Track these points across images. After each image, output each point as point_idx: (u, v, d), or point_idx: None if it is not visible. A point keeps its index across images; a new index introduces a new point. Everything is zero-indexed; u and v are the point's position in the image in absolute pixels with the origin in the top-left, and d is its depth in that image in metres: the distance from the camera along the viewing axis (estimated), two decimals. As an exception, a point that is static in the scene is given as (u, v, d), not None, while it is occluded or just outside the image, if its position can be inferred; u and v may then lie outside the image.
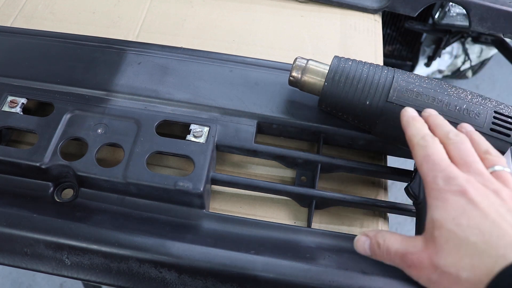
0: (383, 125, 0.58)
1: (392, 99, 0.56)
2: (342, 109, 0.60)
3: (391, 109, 0.56)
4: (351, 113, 0.60)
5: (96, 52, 0.72)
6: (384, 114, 0.57)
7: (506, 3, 0.87)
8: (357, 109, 0.58)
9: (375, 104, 0.57)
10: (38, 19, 0.83)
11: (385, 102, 0.56)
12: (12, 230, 0.56)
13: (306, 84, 0.62)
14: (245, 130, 0.65)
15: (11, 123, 0.62)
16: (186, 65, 0.71)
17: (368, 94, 0.57)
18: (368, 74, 0.58)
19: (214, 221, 0.60)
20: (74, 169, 0.58)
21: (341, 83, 0.58)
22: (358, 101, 0.58)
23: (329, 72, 0.59)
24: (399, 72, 0.58)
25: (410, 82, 0.57)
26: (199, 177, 0.58)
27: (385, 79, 0.57)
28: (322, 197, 0.63)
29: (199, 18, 0.85)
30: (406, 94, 0.56)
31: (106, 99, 0.66)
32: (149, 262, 0.55)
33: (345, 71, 0.59)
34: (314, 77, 0.61)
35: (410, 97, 0.56)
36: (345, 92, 0.58)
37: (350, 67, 0.59)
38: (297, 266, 0.55)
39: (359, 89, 0.57)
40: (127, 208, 0.60)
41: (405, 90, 0.56)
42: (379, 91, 0.57)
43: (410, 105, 0.55)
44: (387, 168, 0.66)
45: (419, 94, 0.56)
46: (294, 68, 0.62)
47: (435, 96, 0.55)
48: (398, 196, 1.70)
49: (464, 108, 0.55)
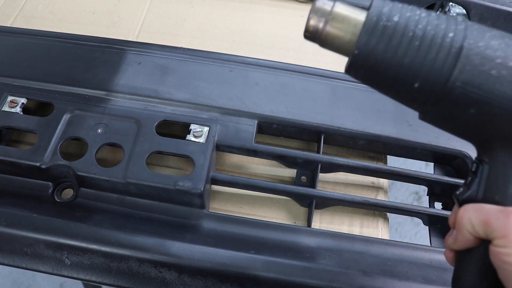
0: (436, 115, 0.39)
1: (455, 84, 0.36)
2: (378, 86, 0.40)
3: (452, 97, 0.37)
4: (391, 93, 0.40)
5: (96, 52, 0.72)
6: (439, 103, 0.37)
7: (506, 3, 0.87)
8: (400, 90, 0.39)
9: (428, 88, 0.37)
10: (38, 19, 0.83)
11: (444, 86, 0.36)
12: (12, 230, 0.56)
13: (331, 39, 0.40)
14: (245, 130, 0.65)
15: (11, 123, 0.62)
16: (186, 65, 0.71)
17: (419, 73, 0.37)
18: (424, 37, 0.37)
19: (214, 221, 0.60)
20: (74, 169, 0.58)
21: (380, 50, 0.38)
22: (404, 80, 0.38)
23: (364, 31, 0.38)
24: (472, 36, 0.36)
25: (488, 57, 0.36)
26: (199, 177, 0.58)
27: (448, 49, 0.36)
28: (322, 197, 0.63)
29: (199, 18, 0.85)
30: (478, 78, 0.36)
31: (106, 99, 0.66)
32: (149, 262, 0.55)
33: (389, 29, 0.37)
34: (342, 30, 0.39)
35: (485, 83, 0.36)
36: (385, 65, 0.38)
37: (397, 23, 0.37)
38: (297, 266, 0.55)
39: (406, 63, 0.37)
40: (127, 208, 0.60)
41: (477, 72, 0.36)
42: (437, 70, 0.36)
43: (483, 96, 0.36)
44: (387, 168, 0.66)
45: (499, 80, 0.35)
46: (315, 12, 0.40)
47: None
48: (398, 196, 1.70)
49: None
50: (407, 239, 1.66)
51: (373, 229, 0.64)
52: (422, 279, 0.56)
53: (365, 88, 0.71)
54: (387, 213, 0.67)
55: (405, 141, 0.66)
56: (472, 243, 0.40)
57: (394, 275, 0.55)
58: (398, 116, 0.68)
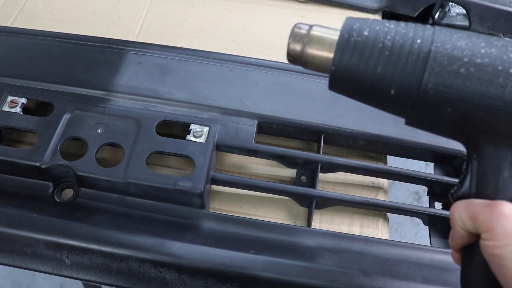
0: (418, 118, 0.41)
1: (427, 87, 0.38)
2: (359, 97, 0.42)
3: (427, 100, 0.38)
4: (372, 103, 0.42)
5: (96, 52, 0.72)
6: (417, 107, 0.39)
7: (506, 3, 0.87)
8: (379, 99, 0.41)
9: (403, 94, 0.39)
10: (38, 19, 0.83)
11: (417, 90, 0.38)
12: (12, 230, 0.56)
13: (310, 60, 0.43)
14: (245, 130, 0.65)
15: (11, 123, 0.62)
16: (186, 65, 0.71)
17: (393, 80, 0.39)
18: (393, 47, 0.39)
19: (214, 221, 0.60)
20: (74, 169, 0.58)
21: (353, 64, 0.40)
22: (380, 89, 0.40)
23: (337, 48, 0.40)
24: (439, 40, 0.38)
25: (455, 57, 0.37)
26: (199, 177, 0.58)
27: (417, 54, 0.38)
28: (322, 197, 0.63)
29: (199, 18, 0.85)
30: (448, 78, 0.37)
31: (106, 99, 0.66)
32: (149, 262, 0.55)
33: (359, 46, 0.40)
34: (320, 50, 0.42)
35: (455, 82, 0.37)
36: (361, 77, 0.40)
37: (367, 37, 0.39)
38: (297, 266, 0.55)
39: (379, 73, 0.39)
40: (127, 208, 0.60)
41: (446, 72, 0.37)
42: (408, 76, 0.38)
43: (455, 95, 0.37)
44: (387, 168, 0.66)
45: (468, 78, 0.37)
46: (293, 37, 0.43)
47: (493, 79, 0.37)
48: (398, 196, 1.70)
49: None
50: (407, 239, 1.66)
51: (373, 229, 0.64)
52: (422, 279, 0.56)
53: (365, 88, 0.71)
54: (387, 213, 0.67)
55: (405, 141, 0.66)
56: (467, 239, 0.40)
57: (394, 275, 0.55)
58: (398, 116, 0.68)
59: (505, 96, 0.37)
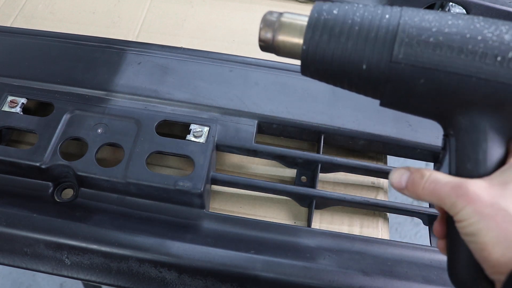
0: (391, 94, 0.41)
1: (398, 58, 0.39)
2: (332, 78, 0.43)
3: (399, 72, 0.39)
4: (345, 82, 0.42)
5: (96, 52, 0.72)
6: (390, 81, 0.40)
7: (506, 3, 0.87)
8: (351, 77, 0.41)
9: (375, 68, 0.39)
10: (38, 19, 0.83)
11: (389, 63, 0.39)
12: (12, 230, 0.56)
13: (282, 47, 0.44)
14: (245, 130, 0.65)
15: (11, 123, 0.62)
16: (186, 65, 0.71)
17: (364, 54, 0.39)
18: (362, 22, 0.40)
19: (214, 221, 0.60)
20: (74, 169, 0.58)
21: (324, 42, 0.41)
22: (352, 65, 0.40)
23: (306, 29, 0.42)
24: (407, 14, 0.40)
25: (424, 28, 0.39)
26: (199, 177, 0.58)
27: (386, 27, 0.39)
28: (322, 197, 0.63)
29: (199, 18, 0.85)
30: (418, 48, 0.38)
31: (106, 99, 0.66)
32: (149, 262, 0.55)
33: (329, 24, 0.41)
34: (290, 36, 0.43)
35: (425, 51, 0.38)
36: (332, 54, 0.41)
37: (337, 15, 0.41)
38: (297, 266, 0.55)
39: (350, 48, 0.40)
40: (127, 208, 0.60)
41: (416, 42, 0.38)
42: (378, 48, 0.39)
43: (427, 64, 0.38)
44: (387, 168, 0.66)
45: (438, 46, 0.38)
46: (264, 23, 0.45)
47: (462, 46, 0.38)
48: (398, 196, 1.70)
49: (510, 57, 0.37)
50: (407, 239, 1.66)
51: (373, 229, 0.64)
52: (422, 279, 0.56)
53: (365, 88, 0.71)
54: (387, 213, 0.67)
55: (405, 141, 0.66)
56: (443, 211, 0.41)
57: (394, 275, 0.55)
58: (398, 116, 0.68)
59: (475, 63, 0.37)
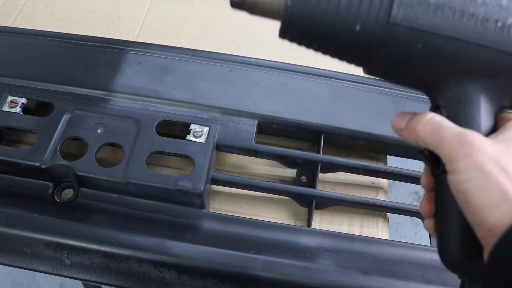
0: (383, 60, 0.37)
1: (397, 19, 0.35)
2: (317, 39, 0.38)
3: (396, 35, 0.36)
4: (332, 45, 0.38)
5: (96, 52, 0.72)
6: (384, 45, 0.36)
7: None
8: (341, 39, 0.37)
9: (370, 30, 0.36)
10: (38, 19, 0.83)
11: (386, 24, 0.36)
12: (12, 230, 0.56)
13: (259, 3, 0.39)
14: (245, 130, 0.65)
15: (11, 123, 0.62)
16: (186, 65, 0.71)
17: (358, 13, 0.36)
18: None
19: (214, 221, 0.60)
20: (74, 169, 0.58)
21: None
22: (343, 25, 0.36)
23: None
24: None
25: None
26: (199, 177, 0.58)
27: None
28: (322, 197, 0.63)
29: (199, 18, 0.85)
30: (418, 9, 0.35)
31: (106, 99, 0.66)
32: (149, 262, 0.55)
33: None
34: None
35: (426, 13, 0.35)
36: (322, 13, 0.36)
37: None
38: (297, 266, 0.55)
39: (343, 6, 0.36)
40: (127, 208, 0.60)
41: (416, 2, 0.35)
42: (375, 7, 0.35)
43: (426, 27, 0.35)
44: (387, 168, 0.66)
45: (439, 7, 0.35)
46: None
47: (464, 9, 0.35)
48: (398, 196, 1.70)
49: (510, 23, 0.35)
50: (407, 239, 1.66)
51: (373, 229, 0.65)
52: (422, 279, 0.56)
53: (365, 88, 0.71)
54: (387, 213, 0.67)
55: (405, 141, 0.66)
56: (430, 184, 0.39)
57: (394, 275, 0.55)
58: (398, 116, 0.68)
59: (476, 27, 0.35)
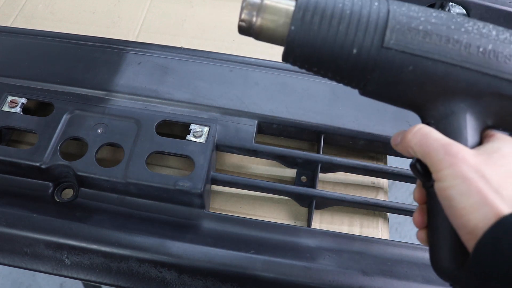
0: (377, 81, 0.41)
1: (389, 43, 0.39)
2: (317, 63, 0.42)
3: (389, 58, 0.40)
4: (331, 68, 0.42)
5: (96, 52, 0.72)
6: (378, 67, 0.40)
7: (506, 3, 0.87)
8: (339, 62, 0.41)
9: (366, 53, 0.40)
10: (38, 19, 0.83)
11: (380, 48, 0.40)
12: (12, 230, 0.56)
13: (264, 30, 0.43)
14: (245, 130, 0.65)
15: (11, 123, 0.62)
16: (186, 65, 0.71)
17: (355, 38, 0.40)
18: (353, 7, 0.40)
19: (214, 221, 0.60)
20: (74, 169, 0.58)
21: (315, 24, 0.40)
22: (341, 49, 0.40)
23: (296, 10, 0.41)
24: (395, 4, 0.41)
25: (412, 17, 0.40)
26: (199, 177, 0.58)
27: (377, 14, 0.40)
28: (322, 197, 0.63)
29: (199, 18, 0.85)
30: (409, 35, 0.39)
31: (106, 99, 0.66)
32: (149, 262, 0.55)
33: (320, 6, 0.41)
34: (275, 18, 0.42)
35: (415, 38, 0.39)
36: (322, 38, 0.40)
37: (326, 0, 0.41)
38: (297, 266, 0.55)
39: (341, 32, 0.40)
40: (127, 208, 0.60)
41: (407, 29, 0.40)
42: (370, 33, 0.40)
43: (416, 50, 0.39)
44: (387, 168, 0.66)
45: (427, 34, 0.39)
46: (245, 7, 0.42)
47: (449, 35, 0.39)
48: (398, 196, 1.70)
49: (490, 49, 0.39)
50: (407, 239, 1.66)
51: (373, 229, 0.65)
52: (422, 279, 0.56)
53: (365, 88, 0.71)
54: (387, 213, 0.67)
55: (405, 141, 0.66)
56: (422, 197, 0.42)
57: (394, 275, 0.55)
58: (398, 116, 0.68)
59: (461, 52, 0.39)
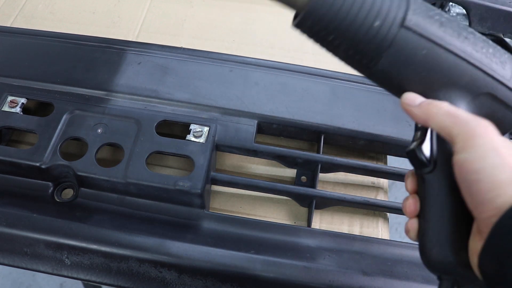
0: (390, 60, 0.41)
1: (410, 23, 0.39)
2: (337, 29, 0.40)
3: (407, 38, 0.40)
4: (349, 38, 0.40)
5: (96, 52, 0.72)
6: (394, 45, 0.40)
7: (506, 3, 0.87)
8: (360, 32, 0.40)
9: (387, 28, 0.39)
10: (38, 19, 0.83)
11: (400, 27, 0.39)
12: (12, 230, 0.56)
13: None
14: (245, 130, 0.65)
15: (11, 123, 0.62)
16: (186, 65, 0.71)
17: (380, 11, 0.39)
18: None
19: (214, 221, 0.60)
20: (74, 169, 0.58)
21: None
22: (364, 19, 0.39)
23: None
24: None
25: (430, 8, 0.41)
26: (199, 177, 0.58)
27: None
28: (322, 197, 0.63)
29: (199, 18, 0.85)
30: (428, 21, 0.40)
31: (106, 99, 0.66)
32: (149, 262, 0.55)
33: None
34: None
35: (433, 26, 0.40)
36: (346, 7, 0.39)
37: None
38: (297, 266, 0.55)
39: (367, 3, 0.39)
40: (127, 208, 0.60)
41: (426, 15, 0.40)
42: (394, 10, 0.39)
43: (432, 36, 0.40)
44: (387, 168, 0.66)
45: (442, 25, 0.40)
46: None
47: (460, 32, 0.41)
48: (398, 196, 1.70)
49: (491, 52, 0.41)
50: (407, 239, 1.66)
51: (373, 229, 0.65)
52: (422, 279, 0.56)
53: (365, 88, 0.71)
54: (387, 213, 0.67)
55: (405, 141, 0.66)
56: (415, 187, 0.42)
57: (394, 275, 0.55)
58: (398, 116, 0.68)
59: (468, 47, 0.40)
